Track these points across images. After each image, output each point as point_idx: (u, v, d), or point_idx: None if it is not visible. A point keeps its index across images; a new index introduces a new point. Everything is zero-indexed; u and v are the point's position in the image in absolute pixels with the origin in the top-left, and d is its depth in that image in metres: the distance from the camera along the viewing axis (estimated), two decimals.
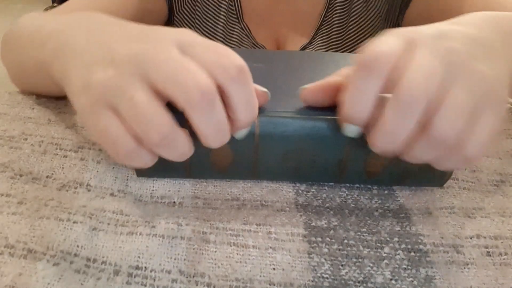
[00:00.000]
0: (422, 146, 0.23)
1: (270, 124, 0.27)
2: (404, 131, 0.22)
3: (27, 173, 0.29)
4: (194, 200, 0.28)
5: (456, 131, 0.22)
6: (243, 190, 0.29)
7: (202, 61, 0.23)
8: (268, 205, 0.28)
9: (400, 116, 0.22)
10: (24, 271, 0.23)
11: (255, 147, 0.27)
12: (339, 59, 0.40)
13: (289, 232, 0.26)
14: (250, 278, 0.23)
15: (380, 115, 0.23)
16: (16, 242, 0.24)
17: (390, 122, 0.22)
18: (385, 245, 0.25)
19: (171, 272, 0.23)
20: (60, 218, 0.25)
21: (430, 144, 0.23)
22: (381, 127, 0.23)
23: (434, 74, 0.22)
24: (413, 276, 0.24)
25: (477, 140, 0.23)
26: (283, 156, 0.28)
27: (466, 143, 0.23)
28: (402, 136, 0.23)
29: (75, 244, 0.24)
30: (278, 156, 0.28)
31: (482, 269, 0.25)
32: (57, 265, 0.23)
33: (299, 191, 0.29)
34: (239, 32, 0.58)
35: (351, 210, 0.28)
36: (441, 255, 0.25)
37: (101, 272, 0.23)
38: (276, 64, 0.38)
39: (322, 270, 0.24)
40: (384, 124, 0.22)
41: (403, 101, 0.22)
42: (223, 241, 0.25)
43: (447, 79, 0.22)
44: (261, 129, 0.26)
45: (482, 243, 0.26)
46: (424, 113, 0.22)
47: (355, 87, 0.23)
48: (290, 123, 0.27)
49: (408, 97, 0.22)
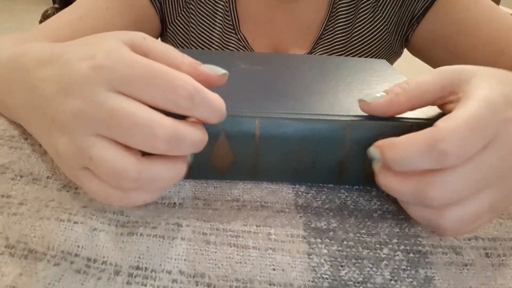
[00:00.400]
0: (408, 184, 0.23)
1: (270, 125, 0.27)
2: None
3: (27, 174, 0.29)
4: (194, 201, 0.28)
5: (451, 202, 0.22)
6: (243, 191, 0.29)
7: (149, 102, 0.22)
8: (268, 206, 0.28)
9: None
10: (24, 271, 0.23)
11: (255, 148, 0.27)
12: (339, 63, 0.40)
13: (289, 234, 0.26)
14: (250, 278, 0.23)
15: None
16: (16, 243, 0.24)
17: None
18: (384, 246, 0.26)
19: (172, 272, 0.23)
20: (60, 218, 0.26)
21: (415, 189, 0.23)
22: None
23: (479, 182, 0.22)
24: (413, 277, 0.24)
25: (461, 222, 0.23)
26: (283, 157, 0.28)
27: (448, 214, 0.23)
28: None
29: (75, 244, 0.24)
30: (278, 157, 0.28)
31: (481, 270, 0.25)
32: (58, 265, 0.23)
33: (298, 193, 0.29)
34: (236, 43, 0.56)
35: (351, 212, 0.28)
36: (440, 256, 0.25)
37: (101, 272, 0.23)
38: (276, 67, 0.38)
39: (322, 270, 0.24)
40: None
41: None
42: (223, 242, 0.25)
43: (486, 184, 0.23)
44: (261, 131, 0.27)
45: (481, 244, 0.26)
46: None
47: (411, 157, 0.22)
48: (290, 124, 0.27)
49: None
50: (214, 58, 0.41)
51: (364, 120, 0.27)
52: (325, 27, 0.54)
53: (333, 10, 0.54)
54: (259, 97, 0.30)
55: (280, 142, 0.27)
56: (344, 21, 0.54)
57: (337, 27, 0.54)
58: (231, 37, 0.56)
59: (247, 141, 0.27)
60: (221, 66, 0.25)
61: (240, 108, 0.28)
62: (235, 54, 0.42)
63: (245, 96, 0.30)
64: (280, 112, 0.28)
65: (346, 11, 0.54)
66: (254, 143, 0.27)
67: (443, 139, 0.21)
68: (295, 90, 0.32)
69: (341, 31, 0.55)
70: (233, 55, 0.41)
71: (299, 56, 0.43)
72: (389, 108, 0.26)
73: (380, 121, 0.27)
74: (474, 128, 0.21)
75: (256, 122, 0.27)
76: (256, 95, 0.31)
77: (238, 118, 0.27)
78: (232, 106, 0.27)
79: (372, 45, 0.56)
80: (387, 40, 0.56)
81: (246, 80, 0.34)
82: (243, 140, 0.27)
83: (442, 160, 0.21)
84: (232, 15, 0.54)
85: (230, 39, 0.56)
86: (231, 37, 0.55)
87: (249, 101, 0.29)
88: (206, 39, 0.56)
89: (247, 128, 0.27)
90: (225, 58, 0.40)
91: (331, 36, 0.55)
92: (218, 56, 0.42)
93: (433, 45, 0.54)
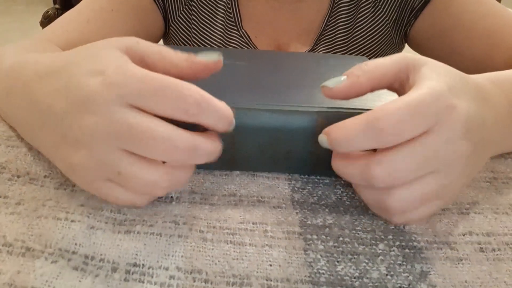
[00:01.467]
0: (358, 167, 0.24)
1: (245, 116, 0.28)
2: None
3: (24, 174, 0.29)
4: (191, 196, 0.28)
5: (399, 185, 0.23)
6: (239, 186, 0.29)
7: (160, 112, 0.23)
8: (265, 201, 0.28)
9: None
10: (22, 269, 0.23)
11: (232, 138, 0.28)
12: (320, 60, 0.41)
13: (285, 230, 0.26)
14: (247, 274, 0.23)
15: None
16: (14, 241, 0.24)
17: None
18: (379, 242, 0.26)
19: (169, 268, 0.23)
20: (58, 217, 0.26)
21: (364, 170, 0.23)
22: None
23: (424, 163, 0.23)
24: (408, 272, 0.24)
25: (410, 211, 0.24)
26: (258, 147, 0.29)
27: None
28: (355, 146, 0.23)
29: (73, 242, 0.24)
30: (254, 147, 0.29)
31: (476, 264, 0.25)
32: (55, 262, 0.23)
33: (295, 188, 0.30)
34: (238, 40, 0.56)
35: (346, 208, 0.28)
36: (435, 251, 0.26)
37: (99, 269, 0.23)
38: (257, 62, 0.38)
39: (318, 266, 0.24)
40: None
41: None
42: (220, 239, 0.25)
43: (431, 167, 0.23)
44: (236, 121, 0.27)
45: (475, 239, 0.27)
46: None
47: (352, 137, 0.23)
48: (263, 115, 0.28)
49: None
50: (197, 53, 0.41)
51: (331, 109, 0.28)
52: (326, 23, 0.55)
53: (334, 6, 0.54)
54: (237, 90, 0.31)
55: (255, 132, 0.28)
56: (345, 18, 0.55)
57: (339, 24, 0.55)
58: (233, 34, 0.56)
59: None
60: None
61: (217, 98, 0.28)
62: (220, 51, 0.42)
63: (223, 89, 0.30)
64: (255, 103, 0.29)
65: (347, 8, 0.54)
66: (231, 133, 0.27)
67: (382, 118, 0.22)
68: (274, 84, 0.33)
69: (343, 27, 0.55)
70: (218, 51, 0.42)
71: (282, 53, 0.44)
72: (351, 90, 0.26)
73: (347, 110, 0.28)
74: (414, 110, 0.22)
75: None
76: (235, 88, 0.32)
77: None
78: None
79: (373, 40, 0.56)
80: (388, 35, 0.56)
81: (227, 75, 0.34)
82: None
83: (380, 138, 0.22)
84: (234, 12, 0.55)
85: (232, 36, 0.56)
86: (234, 33, 0.56)
87: (227, 92, 0.30)
88: (207, 36, 0.56)
89: None
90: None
91: (333, 32, 0.55)
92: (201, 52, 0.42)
93: (431, 39, 0.54)
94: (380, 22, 0.55)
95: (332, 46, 0.56)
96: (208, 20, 0.56)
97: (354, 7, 0.54)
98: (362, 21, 0.55)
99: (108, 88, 0.22)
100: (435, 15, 0.52)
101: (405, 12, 0.54)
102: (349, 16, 0.55)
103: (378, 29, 0.55)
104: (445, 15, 0.51)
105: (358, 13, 0.55)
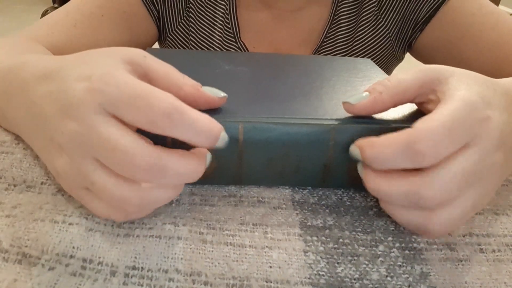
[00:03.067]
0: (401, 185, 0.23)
1: (254, 130, 0.27)
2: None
3: (20, 182, 0.28)
4: (191, 197, 0.28)
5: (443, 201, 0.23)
6: (239, 187, 0.29)
7: (132, 123, 0.22)
8: (265, 202, 0.28)
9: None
10: (19, 277, 0.22)
11: (239, 153, 0.27)
12: (323, 62, 0.40)
13: (285, 232, 0.26)
14: (247, 276, 0.23)
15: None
16: (10, 247, 0.24)
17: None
18: (379, 244, 0.26)
19: (168, 271, 0.23)
20: (55, 220, 0.25)
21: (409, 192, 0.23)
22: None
23: (462, 182, 0.22)
24: (408, 273, 0.24)
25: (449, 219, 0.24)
26: (267, 162, 0.28)
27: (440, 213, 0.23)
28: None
29: (70, 245, 0.24)
30: (262, 162, 0.28)
31: (476, 265, 0.25)
32: (53, 269, 0.23)
33: (295, 188, 0.30)
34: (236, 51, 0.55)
35: (347, 209, 0.28)
36: (435, 252, 0.26)
37: (97, 274, 0.23)
38: (259, 67, 0.38)
39: (318, 267, 0.24)
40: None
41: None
42: (219, 241, 0.25)
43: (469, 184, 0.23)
44: (244, 136, 0.26)
45: (475, 240, 0.27)
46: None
47: (390, 156, 0.23)
48: (273, 128, 0.27)
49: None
50: (197, 57, 0.40)
51: (348, 124, 0.27)
52: (326, 34, 0.54)
53: (335, 17, 0.53)
54: (242, 100, 0.30)
55: (263, 146, 0.27)
56: (345, 29, 0.54)
57: (339, 35, 0.54)
58: (231, 46, 0.55)
59: (230, 146, 0.26)
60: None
61: (223, 112, 0.27)
62: (219, 55, 0.41)
63: (228, 99, 0.29)
64: (264, 116, 0.27)
65: (347, 19, 0.53)
66: (238, 148, 0.27)
67: (419, 140, 0.22)
68: (279, 92, 0.32)
69: (343, 38, 0.54)
70: (216, 55, 0.41)
71: (282, 55, 0.43)
72: (374, 107, 0.26)
73: (363, 125, 0.27)
74: (451, 129, 0.22)
75: (239, 127, 0.26)
76: (239, 98, 0.30)
77: (221, 123, 0.26)
78: (215, 110, 0.27)
79: (374, 52, 0.55)
80: (389, 47, 0.55)
81: (230, 82, 0.33)
82: (226, 146, 0.27)
83: (418, 160, 0.22)
84: (232, 23, 0.54)
85: (230, 47, 0.55)
86: (231, 45, 0.55)
87: (232, 104, 0.29)
88: (205, 47, 0.56)
89: (231, 133, 0.26)
90: (209, 59, 0.39)
91: (333, 43, 0.54)
92: (201, 55, 0.41)
93: (437, 51, 0.53)
94: (381, 34, 0.54)
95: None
96: (206, 32, 0.55)
97: (355, 18, 0.54)
98: (362, 32, 0.54)
99: (91, 95, 0.21)
100: (442, 27, 0.51)
101: (409, 25, 0.53)
102: (349, 27, 0.54)
103: (379, 40, 0.55)
104: (453, 27, 0.50)
105: (358, 24, 0.54)
